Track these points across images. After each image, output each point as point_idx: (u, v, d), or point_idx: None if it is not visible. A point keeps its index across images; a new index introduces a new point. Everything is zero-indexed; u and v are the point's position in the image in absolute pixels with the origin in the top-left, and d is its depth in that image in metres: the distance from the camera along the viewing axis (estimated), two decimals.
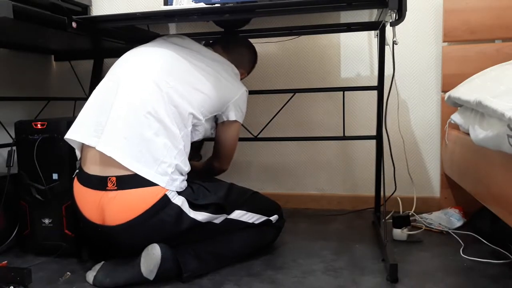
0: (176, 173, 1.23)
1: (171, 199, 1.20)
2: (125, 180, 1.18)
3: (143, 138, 1.20)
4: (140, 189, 1.18)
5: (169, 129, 1.22)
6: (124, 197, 1.18)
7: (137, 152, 1.19)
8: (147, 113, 1.21)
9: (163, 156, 1.20)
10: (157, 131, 1.21)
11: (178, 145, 1.24)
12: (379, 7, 1.24)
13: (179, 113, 1.25)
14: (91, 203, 1.22)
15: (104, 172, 1.20)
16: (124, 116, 1.22)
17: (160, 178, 1.19)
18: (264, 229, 1.41)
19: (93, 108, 1.29)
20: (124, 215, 1.19)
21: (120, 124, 1.21)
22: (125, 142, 1.19)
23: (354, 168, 1.97)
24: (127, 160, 1.18)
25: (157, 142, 1.20)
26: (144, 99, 1.23)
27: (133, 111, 1.22)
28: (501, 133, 0.99)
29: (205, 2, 1.45)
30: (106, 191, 1.19)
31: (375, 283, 1.19)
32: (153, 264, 1.19)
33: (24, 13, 1.27)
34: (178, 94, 1.26)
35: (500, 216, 1.11)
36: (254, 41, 1.94)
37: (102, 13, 2.10)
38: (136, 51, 1.38)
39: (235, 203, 1.33)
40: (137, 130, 1.20)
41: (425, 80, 1.86)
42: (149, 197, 1.18)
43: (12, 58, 1.95)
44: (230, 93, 1.40)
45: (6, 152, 1.48)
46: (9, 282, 1.18)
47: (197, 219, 1.23)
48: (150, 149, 1.19)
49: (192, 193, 1.26)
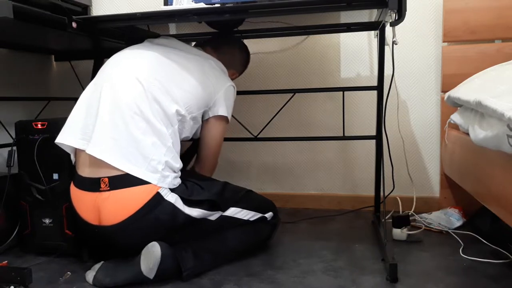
0: (167, 170, 1.23)
1: (164, 197, 1.21)
2: (117, 180, 1.19)
3: (131, 138, 1.21)
4: (133, 188, 1.19)
5: (155, 128, 1.23)
6: (117, 196, 1.19)
7: (127, 152, 1.20)
8: (133, 113, 1.23)
9: (152, 154, 1.21)
10: (144, 130, 1.22)
11: (166, 142, 1.24)
12: (379, 7, 1.24)
13: (164, 111, 1.26)
14: (87, 205, 1.24)
15: (97, 174, 1.21)
16: (110, 117, 1.23)
17: (151, 176, 1.20)
18: (259, 226, 1.42)
19: (80, 112, 1.30)
20: (118, 215, 1.20)
21: (108, 126, 1.22)
22: (114, 143, 1.21)
23: (354, 168, 1.97)
24: (117, 160, 1.19)
25: (145, 140, 1.21)
26: (129, 99, 1.24)
27: (119, 112, 1.23)
28: (501, 133, 0.99)
29: (205, 2, 1.45)
30: (100, 192, 1.20)
31: (375, 283, 1.19)
32: (153, 262, 1.19)
33: (24, 13, 1.27)
34: (161, 92, 1.27)
35: (500, 216, 1.11)
36: (254, 41, 1.95)
37: (102, 13, 2.10)
38: (120, 55, 1.38)
39: (230, 200, 1.34)
40: (124, 130, 1.21)
41: (425, 80, 1.86)
42: (142, 195, 1.19)
43: (12, 58, 1.96)
44: (216, 87, 1.39)
45: (6, 152, 1.48)
46: (10, 282, 1.18)
47: (192, 215, 1.24)
48: (139, 148, 1.21)
49: (186, 190, 1.27)
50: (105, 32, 1.54)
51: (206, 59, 1.42)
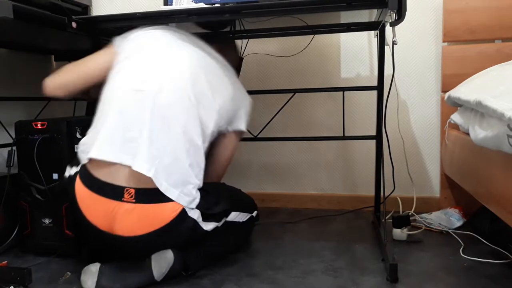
0: (197, 191, 1.21)
1: (188, 213, 1.19)
2: (144, 193, 1.15)
3: (175, 157, 1.17)
4: (160, 205, 1.15)
5: (197, 147, 1.20)
6: (142, 211, 1.15)
7: (168, 172, 1.15)
8: (181, 130, 1.18)
9: (189, 177, 1.18)
10: (188, 149, 1.18)
11: (201, 163, 1.22)
12: (379, 7, 1.24)
13: (203, 130, 1.23)
14: (99, 210, 1.18)
15: (121, 182, 1.15)
16: (158, 133, 1.17)
17: (183, 199, 1.17)
18: (248, 225, 1.46)
19: (119, 123, 1.19)
20: (140, 228, 1.16)
21: (154, 142, 1.16)
22: (158, 162, 1.15)
23: (354, 168, 1.97)
24: (159, 179, 1.14)
25: (187, 161, 1.18)
26: (178, 114, 1.19)
27: (167, 127, 1.17)
28: (501, 133, 0.99)
29: (205, 2, 1.45)
30: (121, 202, 1.14)
31: (375, 283, 1.19)
32: (166, 267, 1.20)
33: (24, 13, 1.27)
34: (207, 111, 1.22)
35: (500, 216, 1.11)
36: (254, 41, 1.95)
37: (102, 13, 2.10)
38: (160, 47, 1.27)
39: (233, 206, 1.35)
40: (170, 148, 1.17)
41: (425, 80, 1.86)
42: (168, 212, 1.16)
43: (12, 58, 1.95)
44: (242, 101, 1.37)
45: (6, 152, 1.47)
46: (9, 282, 1.18)
47: (207, 229, 1.24)
48: (181, 169, 1.17)
49: (204, 203, 1.23)
50: (105, 32, 1.54)
51: (229, 68, 1.37)
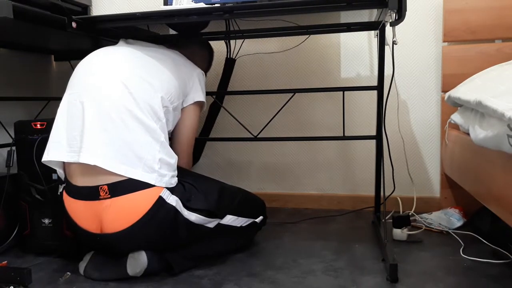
0: (164, 169, 1.22)
1: (166, 200, 1.21)
2: (117, 186, 1.18)
3: (124, 141, 1.19)
4: (134, 194, 1.18)
5: (146, 124, 1.22)
6: (119, 204, 1.18)
7: (120, 155, 1.18)
8: (122, 114, 1.21)
9: (146, 153, 1.20)
10: (135, 129, 1.21)
11: (159, 138, 1.24)
12: (379, 7, 1.24)
13: (150, 105, 1.25)
14: (86, 214, 1.22)
15: (93, 182, 1.19)
16: (99, 124, 1.20)
17: (148, 176, 1.19)
18: (249, 231, 1.45)
19: (61, 127, 1.26)
20: (122, 222, 1.19)
21: (97, 133, 1.20)
22: (107, 148, 1.19)
23: (354, 168, 1.97)
24: (112, 164, 1.17)
25: (138, 140, 1.20)
26: (116, 103, 1.22)
27: (107, 117, 1.21)
28: (501, 133, 0.99)
29: (205, 2, 1.45)
30: (99, 201, 1.19)
31: (375, 283, 1.19)
32: (139, 268, 1.22)
33: (24, 13, 1.27)
34: (144, 87, 1.26)
35: (500, 216, 1.11)
36: (254, 41, 1.95)
37: (102, 13, 2.10)
38: (92, 59, 1.35)
39: (228, 208, 1.35)
40: (115, 134, 1.20)
41: (425, 80, 1.86)
42: (144, 201, 1.18)
43: (12, 58, 1.95)
44: (188, 75, 1.42)
45: (6, 152, 1.48)
46: (9, 282, 1.18)
47: (190, 219, 1.25)
48: (132, 148, 1.19)
49: (184, 192, 1.26)
50: (105, 32, 1.54)
51: (172, 52, 1.45)
